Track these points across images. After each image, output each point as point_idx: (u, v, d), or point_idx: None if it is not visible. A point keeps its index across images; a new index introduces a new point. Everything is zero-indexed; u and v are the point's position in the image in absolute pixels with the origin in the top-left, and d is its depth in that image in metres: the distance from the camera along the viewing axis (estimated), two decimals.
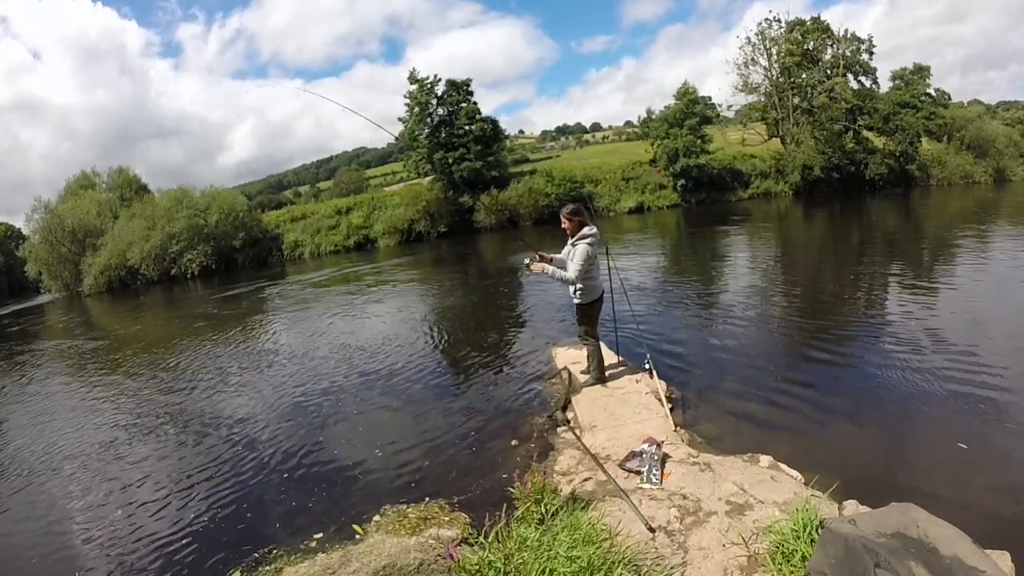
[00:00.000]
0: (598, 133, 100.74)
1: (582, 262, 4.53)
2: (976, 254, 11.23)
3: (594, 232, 4.62)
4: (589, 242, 4.57)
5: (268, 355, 8.98)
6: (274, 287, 19.52)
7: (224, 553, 3.58)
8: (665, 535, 2.85)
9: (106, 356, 11.23)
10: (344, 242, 31.88)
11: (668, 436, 3.96)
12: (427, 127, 32.87)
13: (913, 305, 7.58)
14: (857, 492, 3.04)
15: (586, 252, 4.54)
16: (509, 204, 31.21)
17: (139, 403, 7.37)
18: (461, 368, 7.00)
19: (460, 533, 3.21)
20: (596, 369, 5.08)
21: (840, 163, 32.46)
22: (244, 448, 5.25)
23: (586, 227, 4.60)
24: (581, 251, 4.55)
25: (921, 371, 5.11)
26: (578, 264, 4.54)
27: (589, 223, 4.65)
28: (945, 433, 4.05)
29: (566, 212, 4.68)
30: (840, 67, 33.41)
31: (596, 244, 4.65)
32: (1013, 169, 34.76)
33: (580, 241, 4.59)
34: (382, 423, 5.45)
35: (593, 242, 4.60)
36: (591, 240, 4.58)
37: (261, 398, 6.72)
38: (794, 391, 4.99)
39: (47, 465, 5.63)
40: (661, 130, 33.45)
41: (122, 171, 37.86)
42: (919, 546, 2.10)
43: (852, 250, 13.94)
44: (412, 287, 15.14)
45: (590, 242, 4.58)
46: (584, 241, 4.57)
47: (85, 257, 31.08)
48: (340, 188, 53.77)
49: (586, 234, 4.58)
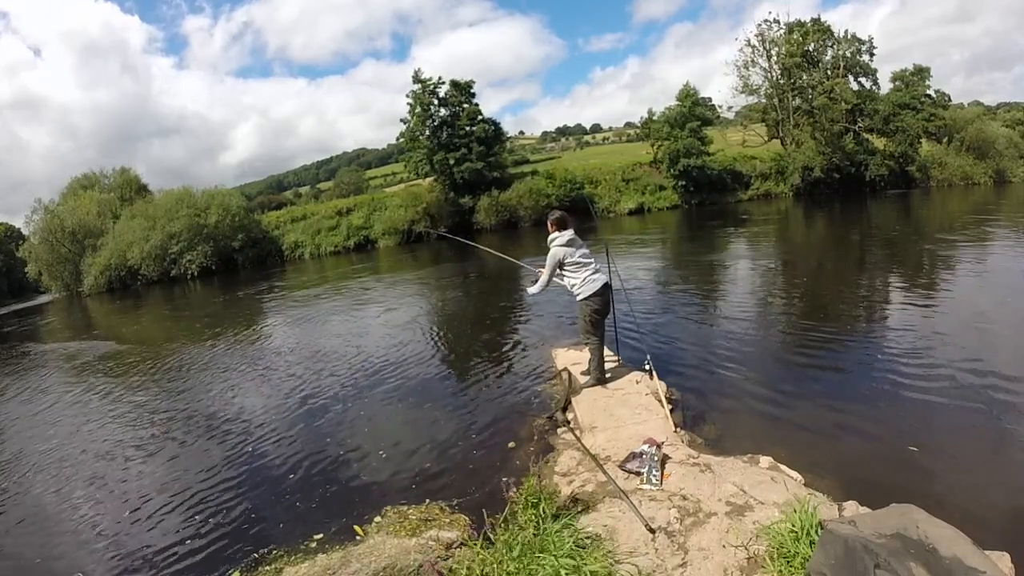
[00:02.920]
0: (598, 134, 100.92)
1: (550, 265, 4.93)
2: (977, 255, 11.23)
3: (563, 236, 4.85)
4: (558, 243, 4.85)
5: (268, 356, 8.99)
6: (274, 288, 19.52)
7: (224, 553, 3.58)
8: (665, 536, 2.86)
9: (107, 357, 11.23)
10: (344, 243, 31.89)
11: (668, 437, 3.96)
12: (429, 128, 32.90)
13: (913, 306, 7.58)
14: (857, 493, 3.04)
15: (554, 255, 4.88)
16: (510, 204, 31.25)
17: (140, 404, 7.38)
18: (462, 369, 7.01)
19: (460, 535, 3.21)
20: (596, 370, 5.09)
21: (840, 164, 32.50)
22: (245, 449, 5.25)
23: (557, 232, 4.89)
24: (549, 256, 4.92)
25: (921, 372, 5.11)
26: (546, 269, 5.00)
27: (566, 229, 4.90)
28: (945, 434, 4.06)
29: (551, 219, 5.00)
30: (840, 68, 33.47)
31: (571, 240, 4.86)
32: (1013, 170, 34.78)
33: (551, 245, 4.91)
34: (383, 424, 5.46)
35: (561, 242, 4.84)
36: (560, 240, 4.85)
37: (261, 400, 6.72)
38: (794, 392, 5.00)
39: (48, 466, 5.63)
40: (663, 131, 33.48)
41: (123, 171, 37.90)
42: (919, 547, 2.11)
43: (852, 251, 13.95)
44: (412, 288, 15.14)
45: (559, 243, 4.85)
46: (554, 244, 4.89)
47: (85, 257, 31.07)
48: (340, 189, 53.85)
49: (555, 238, 4.89)
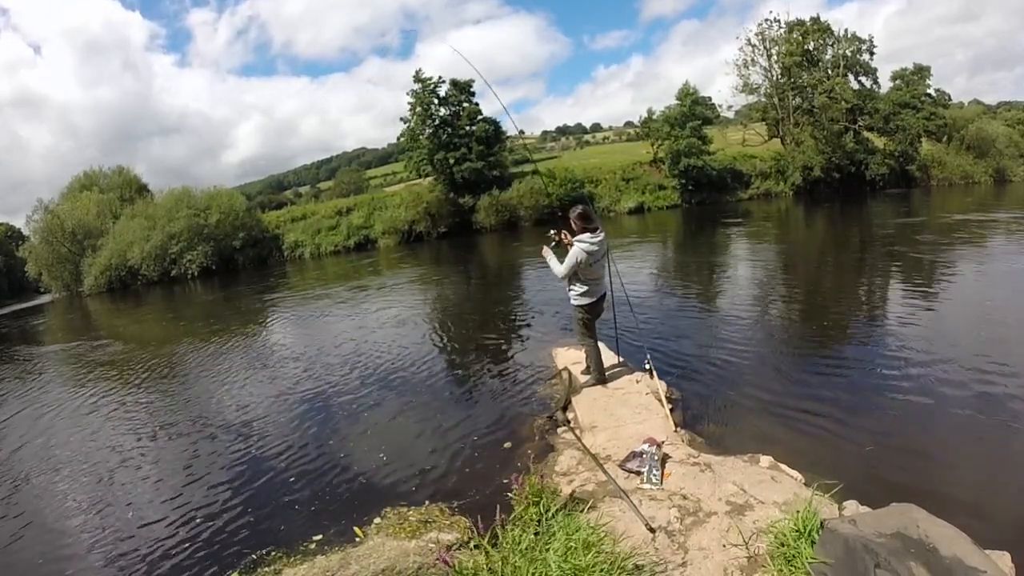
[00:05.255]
0: (599, 133, 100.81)
1: (570, 263, 4.59)
2: (977, 254, 11.22)
3: (596, 240, 4.57)
4: (585, 247, 4.54)
5: (268, 357, 8.99)
6: (274, 288, 19.51)
7: (223, 554, 3.58)
8: (665, 535, 2.85)
9: (107, 357, 11.22)
10: (344, 242, 31.83)
11: (668, 436, 3.96)
12: (429, 127, 32.87)
13: (914, 306, 7.58)
14: (857, 492, 3.04)
15: (576, 254, 4.55)
16: (510, 204, 31.23)
17: (140, 405, 7.38)
18: (462, 369, 7.01)
19: (460, 537, 3.20)
20: (596, 370, 5.08)
21: (840, 163, 32.50)
22: (244, 450, 5.25)
23: (588, 232, 4.57)
24: (572, 252, 4.60)
25: (922, 371, 5.11)
26: (566, 263, 4.63)
27: (597, 229, 4.62)
28: (945, 434, 4.06)
29: (573, 215, 4.63)
30: (840, 67, 33.44)
31: (595, 252, 4.59)
32: (1013, 169, 34.79)
33: (577, 243, 4.58)
34: (383, 425, 5.45)
35: (589, 249, 4.55)
36: (587, 246, 4.54)
37: (261, 401, 6.71)
38: (795, 392, 4.99)
39: (49, 466, 5.63)
40: (663, 131, 33.45)
41: (122, 171, 37.84)
42: (919, 546, 2.10)
43: (853, 250, 13.94)
44: (412, 288, 15.12)
45: (586, 247, 4.54)
46: (580, 244, 4.56)
47: (85, 257, 31.05)
48: (340, 188, 53.73)
49: (583, 239, 4.56)
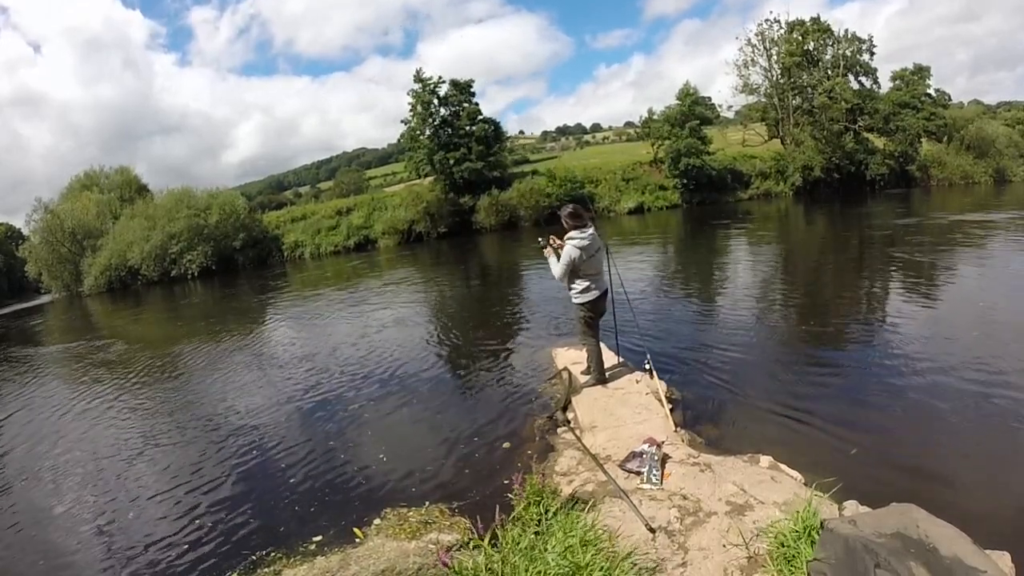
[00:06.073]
0: (598, 133, 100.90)
1: (565, 263, 4.65)
2: (977, 254, 11.23)
3: (586, 235, 4.64)
4: (576, 244, 4.62)
5: (268, 357, 8.98)
6: (274, 288, 19.51)
7: (223, 555, 3.58)
8: (665, 535, 2.85)
9: (107, 357, 11.22)
10: (344, 243, 31.84)
11: (668, 436, 3.95)
12: (429, 127, 32.89)
13: (914, 306, 7.58)
14: (857, 492, 3.03)
15: (569, 252, 4.62)
16: (510, 204, 31.24)
17: (140, 406, 7.37)
18: (462, 369, 7.01)
19: (460, 537, 3.20)
20: (596, 369, 5.08)
21: (840, 163, 32.54)
22: (245, 451, 5.24)
23: (577, 229, 4.65)
24: (565, 251, 4.67)
25: (922, 371, 5.11)
26: (561, 262, 4.70)
27: (586, 225, 4.69)
28: (945, 433, 4.06)
29: (563, 214, 4.74)
30: (840, 67, 33.46)
31: (588, 246, 4.64)
32: (1013, 169, 34.83)
33: (568, 242, 4.67)
34: (383, 425, 5.45)
35: (580, 244, 4.61)
36: (578, 242, 4.61)
37: (261, 401, 6.70)
38: (795, 392, 4.99)
39: (50, 466, 5.63)
40: (663, 131, 33.46)
41: (122, 171, 37.82)
42: (919, 546, 2.10)
43: (853, 250, 13.93)
44: (412, 288, 15.12)
45: (577, 244, 4.61)
46: (571, 242, 4.64)
47: (85, 258, 31.05)
48: (340, 188, 53.72)
49: (574, 236, 4.64)
